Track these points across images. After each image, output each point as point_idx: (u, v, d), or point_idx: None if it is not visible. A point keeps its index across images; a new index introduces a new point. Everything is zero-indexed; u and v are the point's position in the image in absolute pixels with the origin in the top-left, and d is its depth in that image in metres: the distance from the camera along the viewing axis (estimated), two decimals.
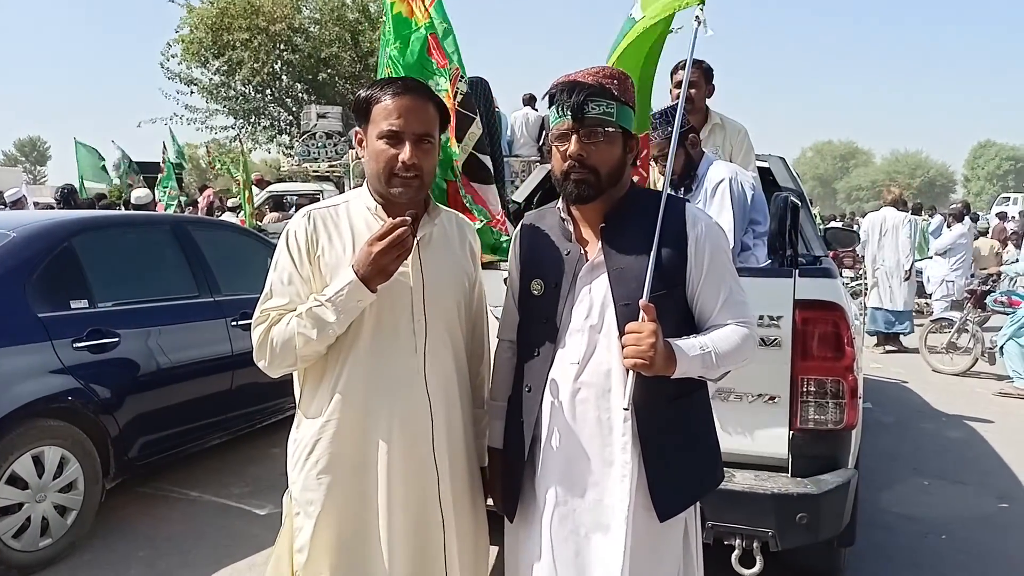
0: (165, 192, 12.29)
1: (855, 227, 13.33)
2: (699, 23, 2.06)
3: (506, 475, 1.94)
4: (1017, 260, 9.95)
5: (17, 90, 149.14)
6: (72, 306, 3.80)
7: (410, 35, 3.16)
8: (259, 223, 11.00)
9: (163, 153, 13.56)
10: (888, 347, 9.52)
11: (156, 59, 20.48)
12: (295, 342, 1.75)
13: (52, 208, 10.12)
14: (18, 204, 9.62)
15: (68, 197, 9.53)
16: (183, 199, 12.67)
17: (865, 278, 10.13)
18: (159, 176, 12.85)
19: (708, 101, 3.90)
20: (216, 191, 14.11)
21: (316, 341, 1.74)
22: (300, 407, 1.91)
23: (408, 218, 1.70)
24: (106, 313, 3.94)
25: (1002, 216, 17.78)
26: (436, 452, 1.84)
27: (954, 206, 11.26)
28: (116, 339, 3.90)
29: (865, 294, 11.06)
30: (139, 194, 10.14)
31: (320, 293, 1.76)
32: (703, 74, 3.83)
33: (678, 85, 3.90)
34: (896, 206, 9.62)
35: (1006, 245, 13.17)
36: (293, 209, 12.42)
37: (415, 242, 1.77)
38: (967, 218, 11.01)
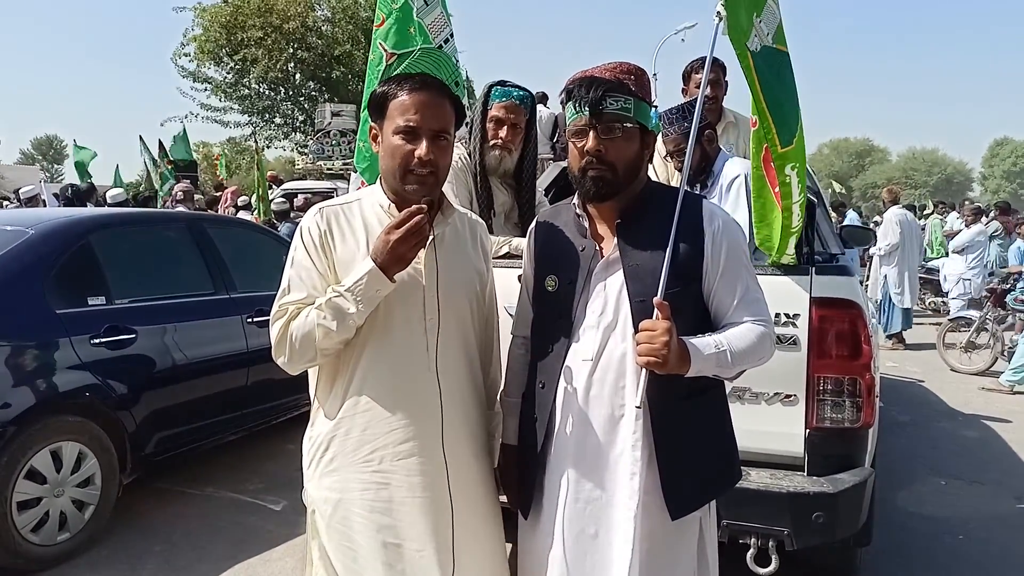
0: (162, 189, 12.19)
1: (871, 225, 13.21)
2: (720, 19, 2.04)
3: (520, 472, 1.93)
4: None
5: (35, 87, 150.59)
6: (90, 303, 3.84)
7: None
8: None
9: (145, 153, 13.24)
10: (901, 345, 9.59)
11: (173, 57, 20.64)
12: (315, 334, 1.74)
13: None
14: (33, 201, 9.69)
15: (74, 196, 9.55)
16: (199, 197, 12.62)
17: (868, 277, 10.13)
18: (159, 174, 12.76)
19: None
20: (233, 189, 14.11)
21: (336, 333, 1.73)
22: (315, 405, 1.91)
23: (424, 206, 1.70)
24: (123, 310, 3.97)
25: (1004, 208, 17.06)
26: (446, 448, 1.83)
27: (973, 204, 11.19)
28: (133, 336, 3.92)
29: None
30: (113, 193, 10.03)
31: (339, 284, 1.75)
32: (721, 71, 3.80)
33: (697, 85, 3.86)
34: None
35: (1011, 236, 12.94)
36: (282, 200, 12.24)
37: (430, 238, 1.76)
38: (984, 216, 10.94)
